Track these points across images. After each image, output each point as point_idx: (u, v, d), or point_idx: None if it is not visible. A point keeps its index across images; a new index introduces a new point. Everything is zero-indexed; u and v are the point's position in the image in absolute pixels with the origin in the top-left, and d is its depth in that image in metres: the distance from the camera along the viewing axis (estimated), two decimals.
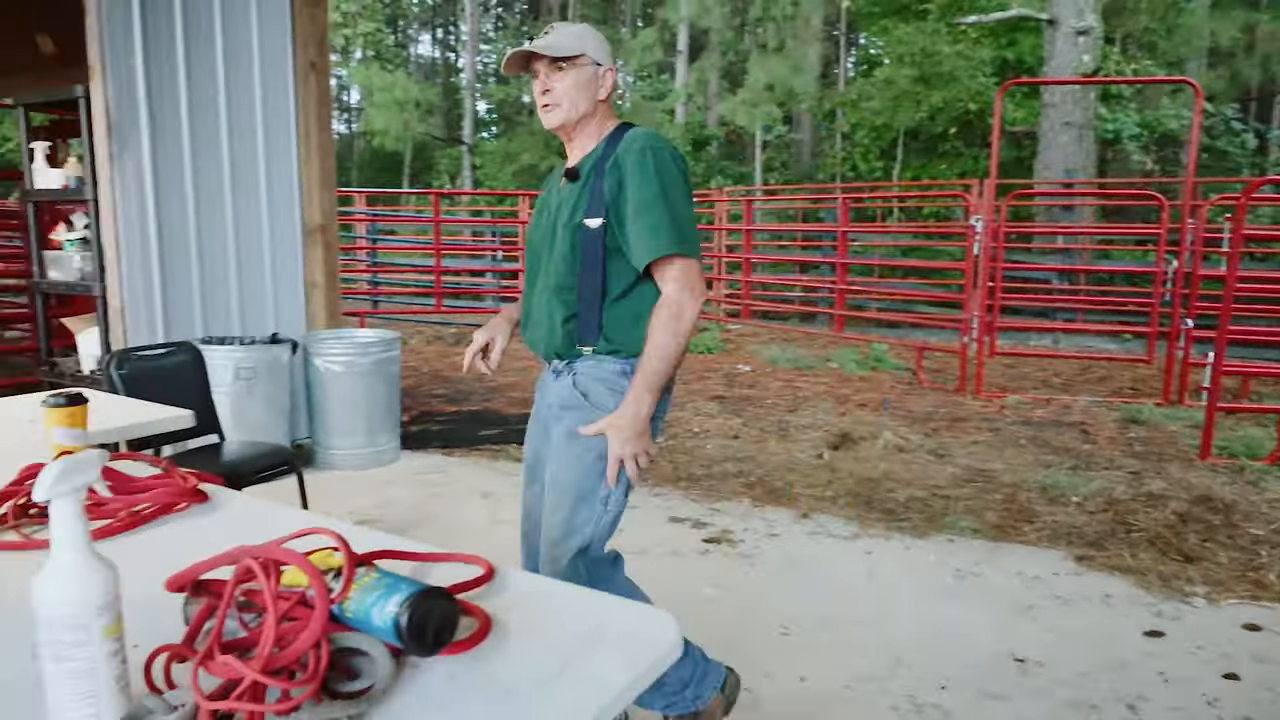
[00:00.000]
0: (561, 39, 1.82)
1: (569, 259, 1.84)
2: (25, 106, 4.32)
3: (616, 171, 1.79)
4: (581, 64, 1.83)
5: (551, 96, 1.83)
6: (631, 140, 1.82)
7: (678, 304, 1.77)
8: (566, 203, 1.87)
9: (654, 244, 1.76)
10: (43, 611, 0.86)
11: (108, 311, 4.05)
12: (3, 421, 2.20)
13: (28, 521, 1.46)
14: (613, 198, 1.79)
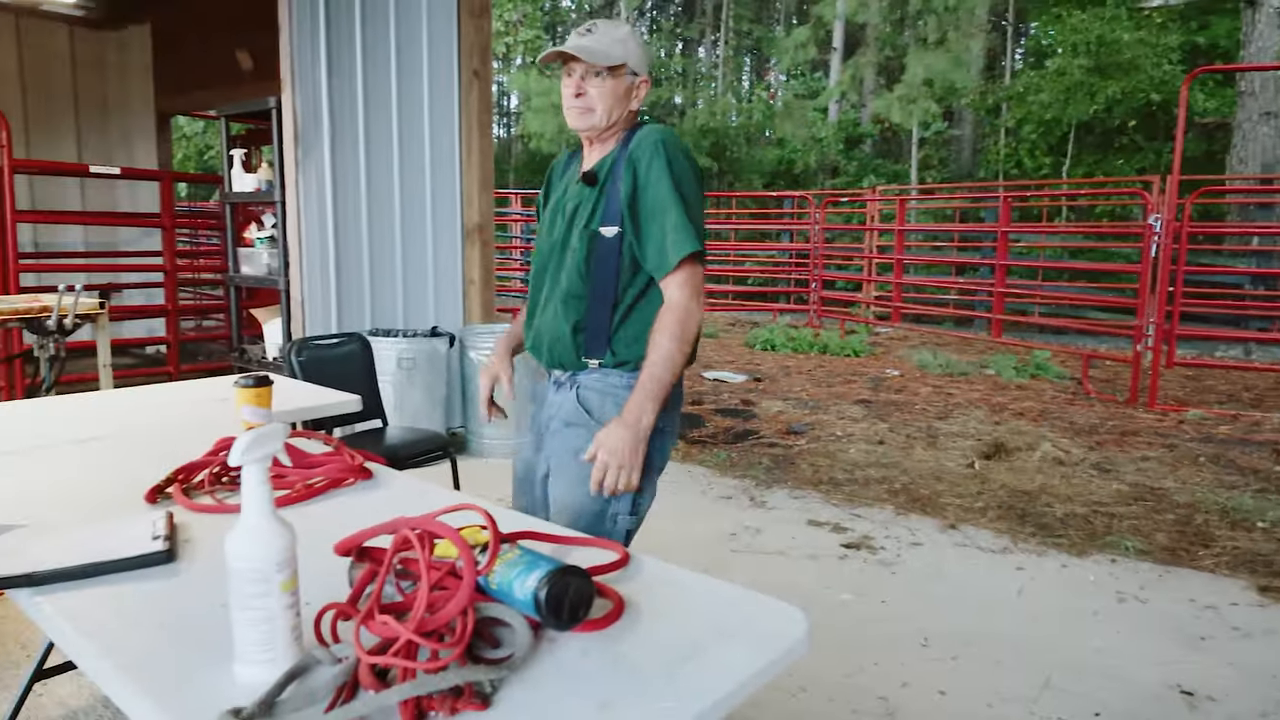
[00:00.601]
0: (604, 44, 1.72)
1: (582, 267, 1.77)
2: (226, 117, 4.78)
3: (630, 172, 1.73)
4: (621, 74, 1.74)
5: (586, 101, 1.74)
6: (643, 138, 1.75)
7: (685, 310, 1.68)
8: (583, 208, 1.79)
9: (671, 246, 1.68)
10: (232, 565, 0.97)
11: (290, 304, 4.42)
12: (202, 400, 2.45)
13: (221, 488, 1.64)
14: (627, 199, 1.73)
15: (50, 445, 1.92)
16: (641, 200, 1.72)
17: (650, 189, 1.71)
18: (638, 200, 1.72)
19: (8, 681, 2.35)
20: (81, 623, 1.12)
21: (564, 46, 1.71)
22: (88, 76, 7.71)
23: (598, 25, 1.75)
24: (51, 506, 1.54)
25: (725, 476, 4.44)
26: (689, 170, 1.75)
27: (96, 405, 2.40)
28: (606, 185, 1.77)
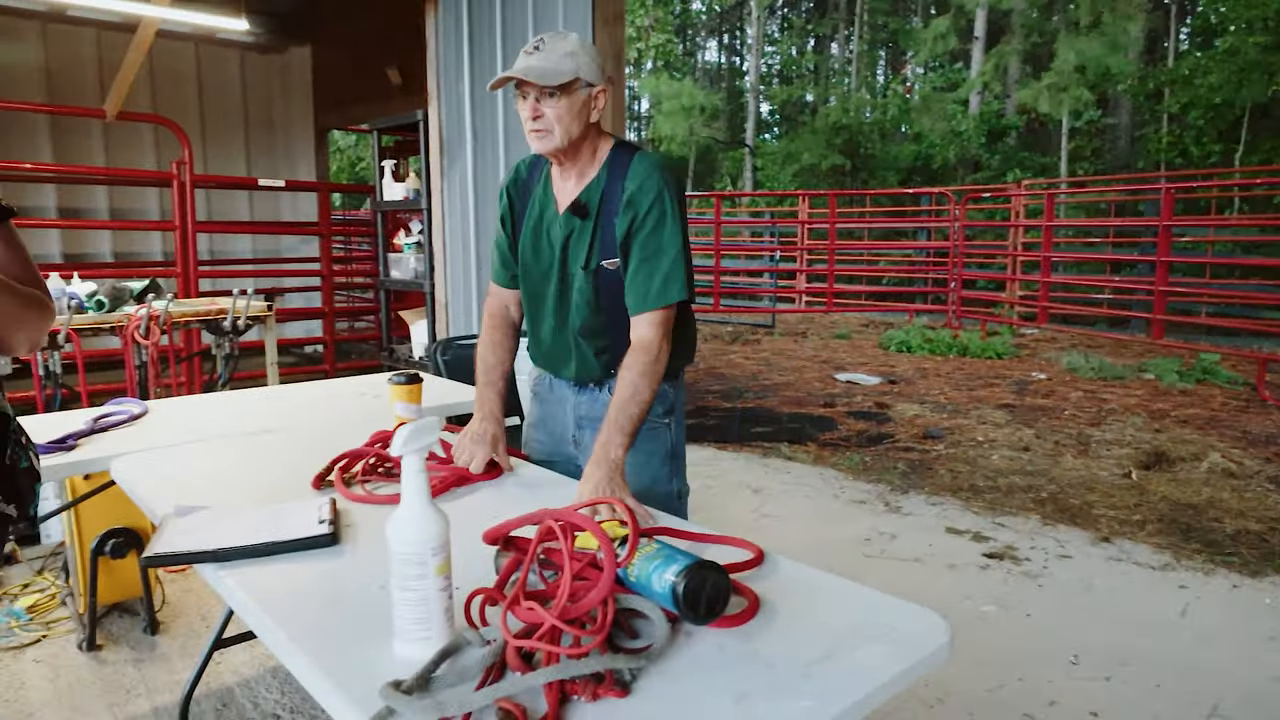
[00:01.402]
0: (552, 62, 1.65)
1: (593, 302, 1.77)
2: (378, 130, 5.07)
3: (630, 211, 1.71)
4: (575, 89, 1.67)
5: (543, 123, 1.68)
6: (644, 178, 1.71)
7: (658, 348, 1.68)
8: (577, 242, 1.77)
9: (661, 292, 1.69)
10: (392, 548, 1.04)
11: (435, 306, 4.65)
12: (358, 395, 2.62)
13: (374, 479, 1.75)
14: (623, 236, 1.72)
15: (228, 435, 2.10)
16: (636, 240, 1.71)
17: (649, 234, 1.70)
18: (633, 240, 1.72)
19: (190, 649, 2.58)
20: (260, 596, 1.22)
21: (512, 70, 1.64)
22: (256, 97, 8.34)
23: (545, 41, 1.67)
24: (230, 490, 1.69)
25: (859, 480, 4.34)
26: (683, 209, 1.75)
27: (267, 400, 2.61)
28: (600, 218, 1.75)
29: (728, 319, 10.47)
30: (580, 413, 1.93)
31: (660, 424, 1.87)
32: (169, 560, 1.35)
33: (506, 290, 1.95)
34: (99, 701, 2.30)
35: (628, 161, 1.74)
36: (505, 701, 0.92)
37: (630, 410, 1.63)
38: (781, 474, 4.45)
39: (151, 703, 2.29)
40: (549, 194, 1.82)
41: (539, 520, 1.16)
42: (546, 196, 1.82)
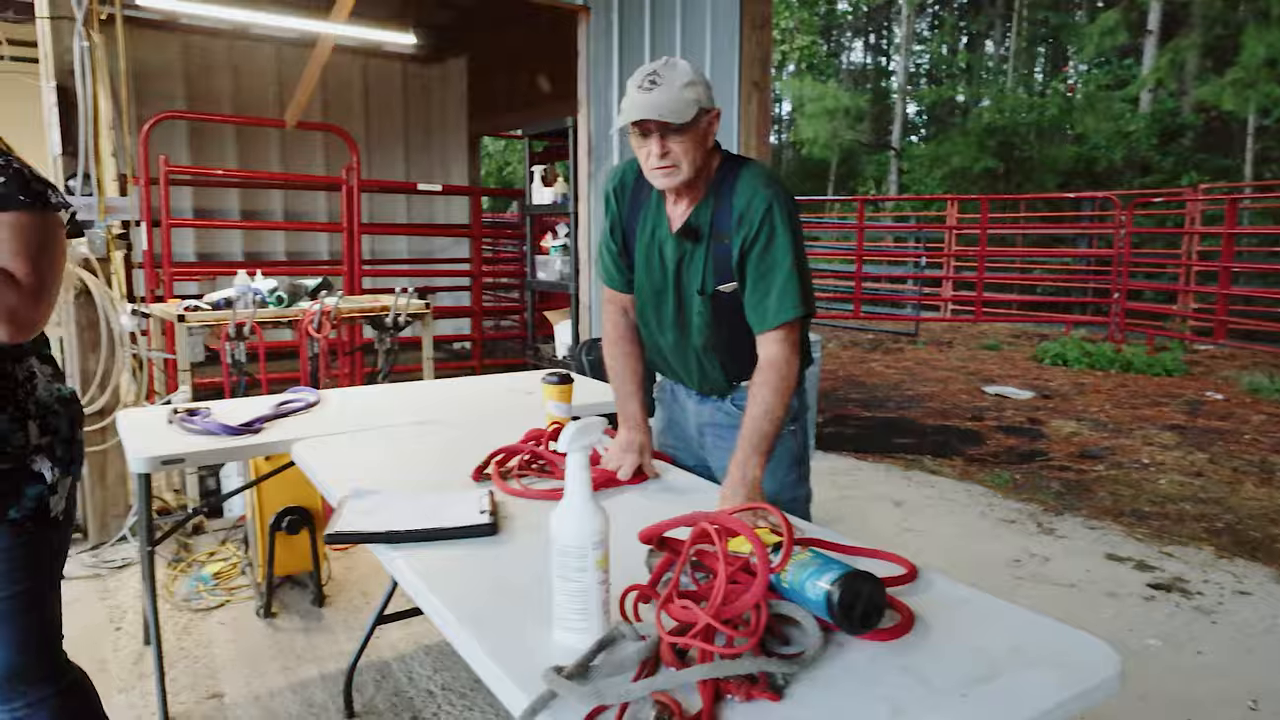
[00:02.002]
0: (673, 95, 1.58)
1: (712, 323, 1.78)
2: (529, 137, 5.26)
3: (742, 230, 1.67)
4: (699, 121, 1.63)
5: (671, 159, 1.63)
6: (752, 194, 1.67)
7: (788, 365, 1.66)
8: (690, 266, 1.76)
9: (780, 309, 1.66)
10: (555, 540, 1.09)
11: (579, 307, 4.77)
12: (510, 392, 2.73)
13: (529, 474, 1.83)
14: (738, 257, 1.69)
15: (393, 425, 2.24)
16: (750, 259, 1.69)
17: (761, 251, 1.67)
18: (747, 260, 1.69)
19: (351, 623, 2.77)
20: (427, 578, 1.31)
21: (638, 113, 1.58)
22: (414, 105, 8.82)
23: (659, 74, 1.60)
24: (396, 475, 1.81)
25: (1008, 499, 4.15)
26: (797, 220, 1.70)
27: (426, 393, 2.76)
28: (711, 240, 1.72)
29: (868, 326, 10.21)
30: (703, 420, 1.95)
31: (785, 431, 1.86)
32: (348, 538, 1.46)
33: (624, 295, 1.95)
34: (273, 664, 2.51)
35: (735, 178, 1.71)
36: (661, 695, 0.94)
37: (764, 428, 1.63)
38: (924, 487, 4.31)
39: (319, 669, 2.48)
40: (661, 212, 1.80)
41: (693, 522, 1.19)
42: (659, 215, 1.81)
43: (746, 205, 1.67)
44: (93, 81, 3.12)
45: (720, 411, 1.91)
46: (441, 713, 2.28)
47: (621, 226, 1.89)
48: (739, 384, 1.87)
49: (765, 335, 1.69)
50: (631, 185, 1.85)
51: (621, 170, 1.89)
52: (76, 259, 3.18)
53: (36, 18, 3.15)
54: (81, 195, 3.14)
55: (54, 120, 3.11)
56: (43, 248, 1.47)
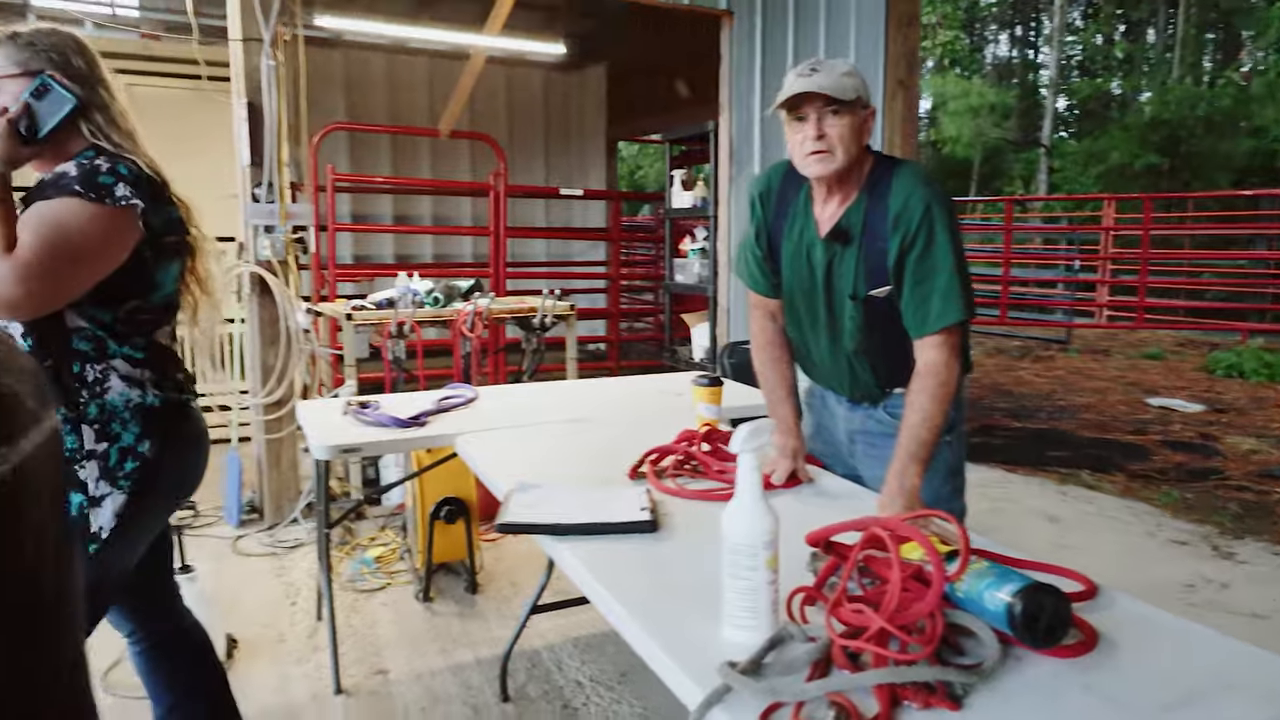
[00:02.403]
0: (835, 79, 1.59)
1: (864, 328, 1.74)
2: (669, 141, 5.32)
3: (899, 233, 1.63)
4: (857, 108, 1.63)
5: (826, 143, 1.61)
6: (908, 194, 1.63)
7: (947, 371, 1.62)
8: (840, 269, 1.72)
9: (942, 312, 1.62)
10: (727, 538, 1.11)
11: (716, 310, 4.79)
12: (656, 393, 2.78)
13: (683, 474, 1.86)
14: (895, 260, 1.65)
15: (549, 422, 2.33)
16: (909, 262, 1.64)
17: (920, 254, 1.63)
18: (905, 263, 1.64)
19: (503, 611, 2.89)
20: (596, 570, 1.35)
21: (798, 87, 1.59)
22: (554, 112, 9.07)
23: (820, 64, 1.63)
24: (554, 470, 1.88)
25: (1178, 519, 3.87)
26: (957, 225, 1.65)
27: (575, 392, 2.85)
28: (863, 242, 1.68)
29: (1015, 332, 9.74)
30: (853, 427, 1.93)
31: (940, 441, 1.81)
32: (517, 529, 1.53)
33: (770, 300, 1.94)
34: (432, 646, 2.65)
35: (889, 179, 1.68)
36: (838, 696, 0.95)
37: (922, 436, 1.61)
38: (1082, 503, 4.08)
39: (474, 654, 2.60)
40: (809, 215, 1.78)
41: (863, 527, 1.18)
42: (807, 217, 1.78)
43: (903, 206, 1.64)
44: (277, 97, 3.39)
45: (871, 419, 1.89)
46: (590, 703, 2.34)
47: (767, 230, 1.88)
48: (892, 391, 1.84)
49: (924, 340, 1.66)
50: (778, 189, 1.85)
51: (767, 174, 1.89)
52: (259, 260, 3.46)
53: (229, 40, 3.45)
54: (265, 202, 3.41)
55: (243, 134, 3.40)
56: (65, 233, 1.39)
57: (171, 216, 1.59)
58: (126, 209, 1.46)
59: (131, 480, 1.49)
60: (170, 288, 1.62)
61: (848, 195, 1.72)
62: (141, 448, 1.50)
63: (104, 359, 1.49)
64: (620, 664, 2.53)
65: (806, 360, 1.96)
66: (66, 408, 1.45)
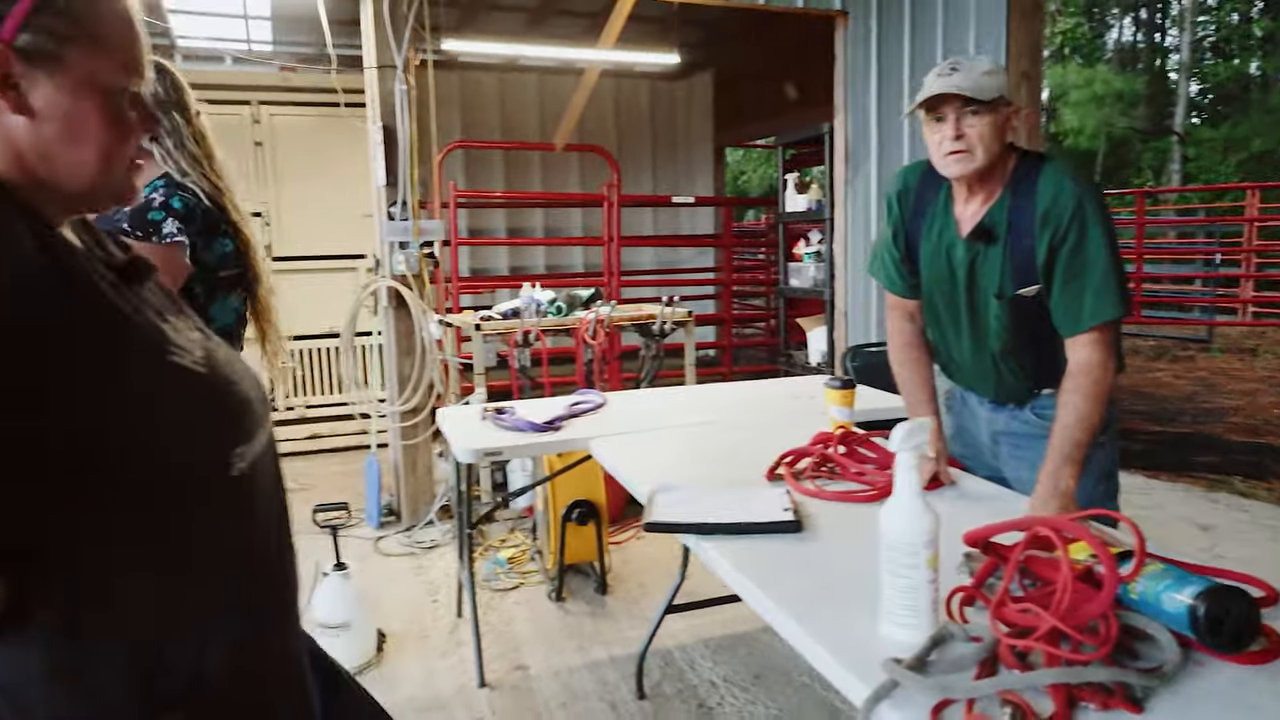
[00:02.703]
0: (975, 79, 1.58)
1: (1010, 326, 1.71)
2: (782, 145, 5.31)
3: (1048, 230, 1.60)
4: (999, 107, 1.61)
5: (965, 143, 1.61)
6: (1057, 188, 1.60)
7: (1103, 370, 1.59)
8: (984, 268, 1.69)
9: (1096, 309, 1.59)
10: (887, 536, 1.12)
11: (834, 313, 4.74)
12: (784, 397, 2.79)
13: (821, 476, 1.86)
14: (1044, 258, 1.62)
15: (679, 425, 2.37)
16: (1060, 259, 1.60)
17: (1072, 250, 1.59)
18: (1056, 261, 1.61)
19: (632, 611, 2.95)
20: (746, 569, 1.38)
21: (938, 88, 1.59)
22: (661, 120, 9.15)
23: (960, 63, 1.62)
24: (689, 471, 1.92)
25: None
26: (1110, 220, 1.60)
27: (701, 396, 2.88)
28: (1009, 241, 1.64)
29: (1148, 331, 9.22)
30: (996, 428, 1.89)
31: (1094, 443, 1.75)
32: (664, 528, 1.58)
33: (908, 300, 1.92)
34: (568, 644, 2.73)
35: (1035, 176, 1.64)
36: (1011, 695, 0.95)
37: (1076, 436, 1.57)
38: (1235, 511, 3.84)
39: (608, 652, 2.66)
40: (949, 214, 1.76)
41: (1026, 527, 1.17)
42: (947, 217, 1.77)
43: (1052, 202, 1.61)
44: (409, 120, 3.57)
45: (1017, 420, 1.85)
46: (725, 703, 2.37)
47: (905, 231, 1.86)
48: (1040, 391, 1.80)
49: (1077, 338, 1.62)
50: (915, 188, 1.83)
51: (904, 174, 1.88)
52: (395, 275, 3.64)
53: (365, 68, 3.65)
54: (400, 220, 3.59)
55: (379, 156, 3.59)
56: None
57: (225, 251, 1.61)
58: (172, 245, 1.51)
59: None
60: (226, 321, 1.65)
61: (990, 194, 1.69)
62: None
63: None
64: (753, 666, 2.55)
65: (947, 361, 1.93)
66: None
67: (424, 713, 2.37)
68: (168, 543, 0.76)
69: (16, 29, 0.73)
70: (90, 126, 0.78)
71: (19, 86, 0.74)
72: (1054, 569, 1.16)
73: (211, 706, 0.78)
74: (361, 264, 5.30)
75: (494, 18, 7.15)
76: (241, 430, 0.83)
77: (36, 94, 0.74)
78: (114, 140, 0.80)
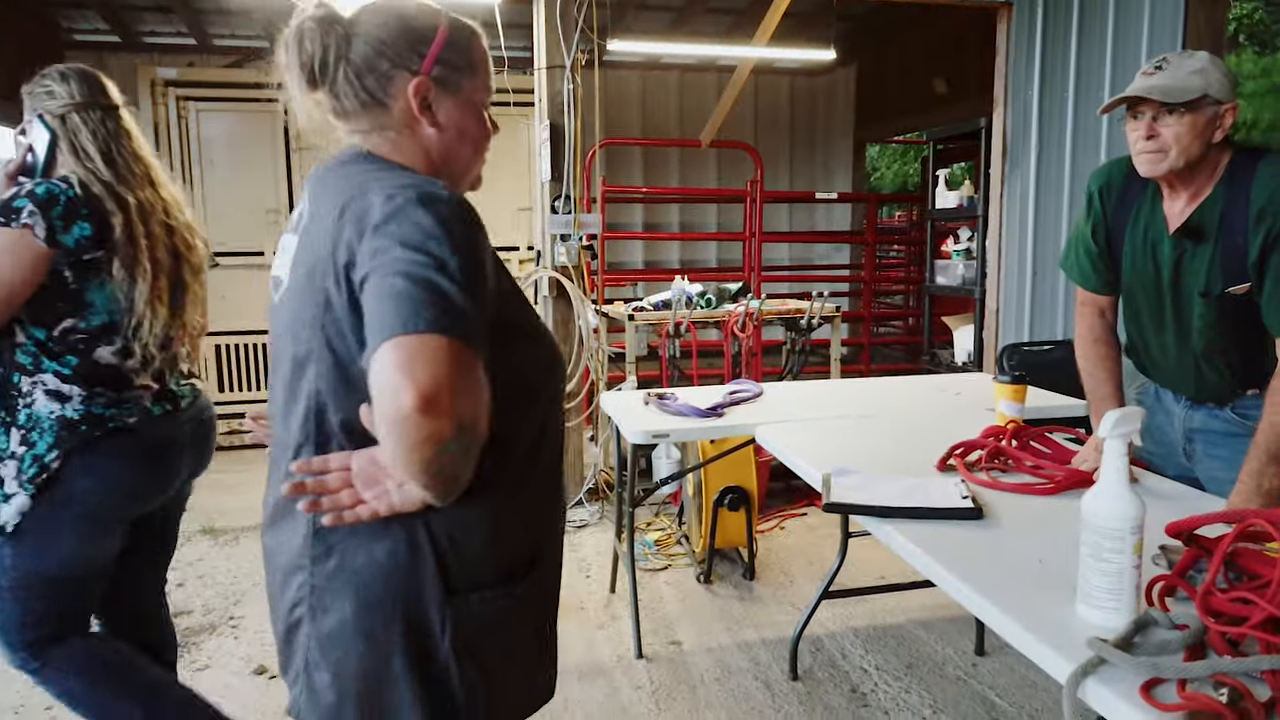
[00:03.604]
0: (1178, 80, 1.55)
1: (1217, 325, 1.67)
2: (934, 140, 5.22)
3: (1263, 226, 1.55)
4: (1200, 107, 1.56)
5: (1159, 143, 1.59)
6: (1274, 185, 1.55)
7: None
8: (1191, 265, 1.67)
9: None
10: (1092, 521, 1.15)
11: (984, 312, 4.64)
12: (935, 391, 2.78)
13: (994, 467, 1.88)
14: (1257, 256, 1.57)
15: (840, 416, 2.42)
16: (1273, 258, 1.55)
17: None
18: (1270, 257, 1.55)
19: (779, 597, 3.02)
20: (934, 551, 1.43)
21: (1130, 90, 1.59)
22: (801, 115, 9.11)
23: (1169, 60, 1.60)
24: (857, 460, 1.97)
25: None
26: None
27: (855, 389, 2.91)
28: (1219, 238, 1.60)
29: None
30: (1192, 426, 1.85)
31: None
32: (844, 509, 1.64)
33: (1100, 296, 1.91)
34: (718, 624, 2.83)
35: (1252, 172, 1.60)
36: (1229, 678, 0.97)
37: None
38: None
39: (758, 634, 2.74)
40: (1157, 210, 1.74)
41: (1236, 519, 1.18)
42: (1154, 212, 1.75)
43: (1269, 199, 1.57)
44: (574, 118, 3.74)
45: (1216, 419, 1.81)
46: (879, 690, 2.41)
47: (1106, 226, 1.86)
48: (1245, 392, 1.76)
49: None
50: (1119, 184, 1.83)
51: (1108, 169, 1.88)
52: (556, 266, 3.83)
53: (535, 68, 3.85)
54: (563, 213, 3.77)
55: (545, 153, 3.78)
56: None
57: (83, 234, 1.62)
58: (20, 229, 1.56)
59: (35, 486, 1.62)
60: (108, 308, 1.68)
61: (1199, 191, 1.68)
62: (49, 458, 1.62)
63: (37, 372, 1.64)
64: (904, 656, 2.57)
65: (1145, 358, 1.92)
66: (5, 411, 1.64)
67: (587, 677, 2.51)
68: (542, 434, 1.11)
69: (432, 64, 1.03)
70: (471, 131, 1.08)
71: (432, 107, 1.04)
72: (1263, 562, 1.16)
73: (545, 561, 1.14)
74: (514, 255, 5.55)
75: (642, 16, 7.30)
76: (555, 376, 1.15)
77: (442, 111, 1.05)
78: (483, 139, 1.10)
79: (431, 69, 1.03)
